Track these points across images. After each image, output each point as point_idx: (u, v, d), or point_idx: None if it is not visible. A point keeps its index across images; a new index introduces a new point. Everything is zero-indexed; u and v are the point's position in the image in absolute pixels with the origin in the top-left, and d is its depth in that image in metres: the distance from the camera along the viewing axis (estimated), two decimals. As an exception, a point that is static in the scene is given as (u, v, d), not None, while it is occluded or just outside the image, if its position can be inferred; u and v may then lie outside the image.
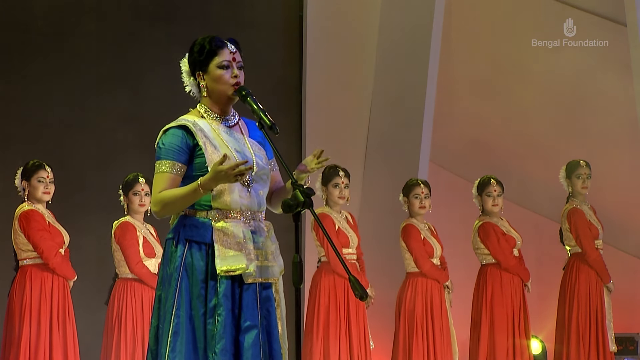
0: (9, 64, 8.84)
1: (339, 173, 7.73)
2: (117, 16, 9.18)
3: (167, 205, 4.04)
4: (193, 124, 4.11)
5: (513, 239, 8.06)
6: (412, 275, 7.92)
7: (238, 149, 4.14)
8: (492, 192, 8.06)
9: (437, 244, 7.96)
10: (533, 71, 9.99)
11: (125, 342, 7.22)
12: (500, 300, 7.93)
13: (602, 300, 8.08)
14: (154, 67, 9.10)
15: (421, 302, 7.82)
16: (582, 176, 8.20)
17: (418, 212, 7.95)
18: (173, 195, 4.03)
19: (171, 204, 4.03)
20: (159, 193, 4.05)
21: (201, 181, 3.97)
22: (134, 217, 7.40)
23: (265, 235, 4.15)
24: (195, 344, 4.03)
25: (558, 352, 8.16)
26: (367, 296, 3.87)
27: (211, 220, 4.08)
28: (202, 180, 3.96)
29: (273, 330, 4.13)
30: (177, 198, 4.02)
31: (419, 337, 7.78)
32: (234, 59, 4.17)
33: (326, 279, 7.66)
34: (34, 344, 6.97)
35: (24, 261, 7.10)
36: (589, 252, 8.07)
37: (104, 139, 9.01)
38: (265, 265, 4.12)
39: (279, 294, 4.20)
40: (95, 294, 7.87)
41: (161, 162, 4.09)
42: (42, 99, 8.88)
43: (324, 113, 9.87)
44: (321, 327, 7.61)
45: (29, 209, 7.09)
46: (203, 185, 3.96)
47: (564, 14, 9.78)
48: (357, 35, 9.99)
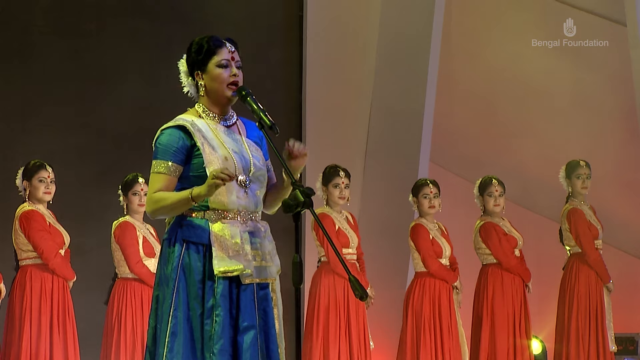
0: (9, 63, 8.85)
1: (340, 173, 7.73)
2: (116, 16, 9.17)
3: (159, 209, 4.05)
4: (191, 124, 4.10)
5: (514, 239, 8.06)
6: (420, 275, 7.92)
7: (236, 150, 4.13)
8: (494, 192, 8.06)
9: (446, 244, 7.94)
10: (533, 71, 9.99)
11: (125, 342, 7.22)
12: (501, 300, 7.93)
13: (602, 300, 8.08)
14: (154, 66, 9.10)
15: (429, 302, 7.81)
16: (582, 176, 8.20)
17: (427, 211, 7.94)
18: (165, 201, 4.02)
19: (163, 208, 4.04)
20: (153, 194, 4.05)
21: (193, 193, 3.96)
22: (134, 217, 7.40)
23: (262, 235, 4.14)
24: (193, 345, 4.02)
25: (558, 352, 8.16)
26: (367, 296, 3.86)
27: (208, 221, 4.07)
28: (194, 193, 3.96)
29: (270, 330, 4.12)
30: (168, 205, 4.02)
31: (427, 337, 7.76)
32: (233, 58, 4.17)
33: (326, 279, 7.66)
34: (34, 344, 6.97)
35: (24, 261, 7.10)
36: (589, 252, 8.07)
37: (104, 139, 9.01)
38: (262, 266, 4.11)
39: (276, 293, 4.19)
40: (95, 294, 7.86)
41: (157, 162, 4.08)
42: (43, 99, 8.87)
43: (324, 113, 9.86)
44: (321, 327, 7.60)
45: (29, 209, 7.09)
46: (195, 197, 3.96)
47: (564, 14, 9.78)
48: (357, 36, 9.99)
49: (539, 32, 9.86)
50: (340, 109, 9.95)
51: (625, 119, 9.56)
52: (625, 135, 9.68)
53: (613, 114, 9.78)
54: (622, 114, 9.66)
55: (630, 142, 9.62)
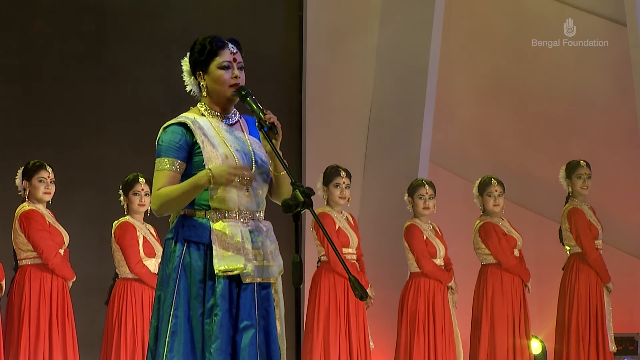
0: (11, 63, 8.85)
1: (340, 173, 7.73)
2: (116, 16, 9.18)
3: (167, 202, 4.03)
4: (192, 122, 4.11)
5: (514, 239, 8.06)
6: (415, 276, 7.92)
7: (238, 148, 4.13)
8: (493, 192, 8.06)
9: (440, 245, 7.94)
10: (533, 71, 9.99)
11: (125, 342, 7.22)
12: (501, 300, 7.93)
13: (602, 300, 8.08)
14: (155, 66, 9.10)
15: (423, 303, 7.82)
16: (582, 176, 8.20)
17: (422, 212, 7.94)
18: (174, 191, 4.01)
19: (172, 200, 4.02)
20: (157, 190, 4.05)
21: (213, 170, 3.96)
22: (134, 217, 7.39)
23: (264, 235, 4.14)
24: (193, 344, 4.03)
25: (558, 352, 8.16)
26: (367, 296, 3.86)
27: (209, 221, 4.07)
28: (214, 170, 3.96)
29: (272, 330, 4.12)
30: (179, 193, 4.00)
31: (421, 337, 7.77)
32: (235, 59, 4.16)
33: (326, 278, 7.66)
34: (33, 344, 6.97)
35: (23, 261, 7.09)
36: (589, 252, 8.07)
37: (104, 138, 9.01)
38: (263, 265, 4.11)
39: (278, 294, 4.18)
40: (95, 294, 7.86)
41: (161, 159, 4.08)
42: (43, 98, 8.88)
43: (324, 113, 9.86)
44: (321, 327, 7.61)
45: (29, 209, 7.09)
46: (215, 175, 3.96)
47: (564, 14, 9.78)
48: (357, 36, 9.99)
49: (539, 32, 9.86)
50: (340, 109, 9.95)
51: (625, 119, 9.56)
52: (625, 135, 9.68)
53: (613, 114, 9.77)
54: (622, 114, 9.66)
55: (630, 142, 9.62)
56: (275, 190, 4.22)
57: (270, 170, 4.19)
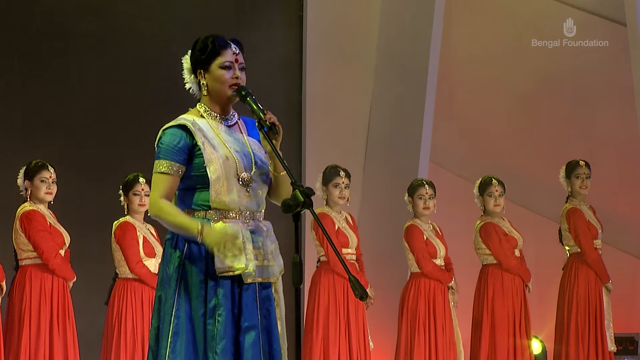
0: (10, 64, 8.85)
1: (340, 173, 7.73)
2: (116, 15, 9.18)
3: (161, 219, 4.06)
4: (192, 124, 4.10)
5: (514, 240, 8.06)
6: (415, 276, 7.92)
7: (237, 149, 4.13)
8: (494, 192, 8.06)
9: (440, 245, 7.94)
10: (533, 72, 10.00)
11: (125, 342, 7.22)
12: (502, 301, 7.93)
13: (602, 300, 8.09)
14: (155, 66, 9.10)
15: (424, 303, 7.82)
16: (581, 176, 8.21)
17: (422, 212, 7.95)
18: (169, 216, 4.03)
19: (165, 221, 4.06)
20: (159, 199, 4.04)
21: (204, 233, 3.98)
22: (134, 217, 7.40)
23: (265, 235, 4.14)
24: (195, 345, 4.02)
25: (558, 352, 8.16)
26: (367, 296, 3.86)
27: (210, 221, 4.06)
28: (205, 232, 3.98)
29: (273, 330, 4.12)
30: (171, 223, 4.04)
31: (421, 337, 7.77)
32: (237, 60, 4.15)
33: (326, 278, 7.67)
34: (33, 345, 6.97)
35: (23, 261, 7.09)
36: (588, 252, 8.08)
37: (104, 138, 9.01)
38: (264, 265, 4.11)
39: (279, 293, 4.18)
40: (95, 294, 7.86)
41: (160, 161, 4.08)
42: (43, 98, 8.88)
43: (324, 113, 9.87)
44: (321, 327, 7.61)
45: (30, 209, 7.09)
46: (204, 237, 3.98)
47: (564, 14, 9.78)
48: (357, 36, 9.99)
49: (539, 32, 9.86)
50: (340, 109, 9.96)
51: (625, 119, 9.56)
52: (625, 135, 9.69)
53: (613, 114, 9.78)
54: (622, 114, 9.66)
55: (630, 142, 9.62)
56: (275, 190, 4.21)
57: (270, 170, 4.19)
